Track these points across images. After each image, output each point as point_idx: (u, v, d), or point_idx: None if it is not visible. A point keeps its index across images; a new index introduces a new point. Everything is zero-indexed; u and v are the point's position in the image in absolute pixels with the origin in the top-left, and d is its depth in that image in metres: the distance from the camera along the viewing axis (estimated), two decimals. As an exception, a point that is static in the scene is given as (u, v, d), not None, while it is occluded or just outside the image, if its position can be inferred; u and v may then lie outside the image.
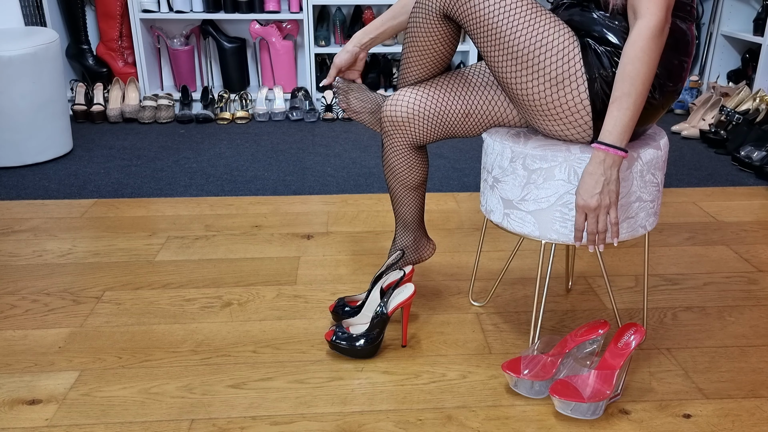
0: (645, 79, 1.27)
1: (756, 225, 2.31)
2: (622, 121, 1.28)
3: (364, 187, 2.64)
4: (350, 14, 3.83)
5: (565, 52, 1.35)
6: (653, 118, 1.40)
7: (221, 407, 1.42)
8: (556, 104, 1.37)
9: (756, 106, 3.07)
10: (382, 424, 1.37)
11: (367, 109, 1.67)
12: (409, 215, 1.70)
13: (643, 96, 1.28)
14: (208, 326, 1.71)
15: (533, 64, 1.36)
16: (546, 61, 1.35)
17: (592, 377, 1.39)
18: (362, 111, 1.68)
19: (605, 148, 1.29)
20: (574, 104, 1.36)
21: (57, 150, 2.94)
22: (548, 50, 1.35)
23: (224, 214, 2.39)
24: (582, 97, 1.35)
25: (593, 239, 1.35)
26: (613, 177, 1.30)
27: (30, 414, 1.40)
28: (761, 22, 3.38)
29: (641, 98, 1.28)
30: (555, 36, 1.36)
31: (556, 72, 1.35)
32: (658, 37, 1.26)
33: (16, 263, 2.04)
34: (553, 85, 1.36)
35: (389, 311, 1.57)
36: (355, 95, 1.68)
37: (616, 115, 1.28)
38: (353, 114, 1.69)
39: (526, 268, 2.02)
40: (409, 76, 1.57)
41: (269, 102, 3.71)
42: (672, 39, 1.33)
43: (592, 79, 1.34)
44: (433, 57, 1.52)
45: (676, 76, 1.37)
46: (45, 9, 3.50)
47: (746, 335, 1.68)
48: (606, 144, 1.29)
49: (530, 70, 1.37)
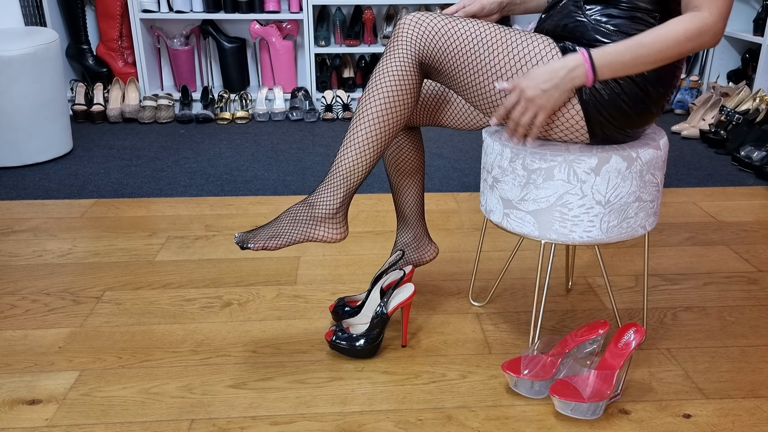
0: (660, 50, 1.24)
1: (756, 225, 2.31)
2: (616, 52, 1.26)
3: (364, 187, 2.64)
4: (350, 14, 3.83)
5: (544, 59, 1.34)
6: (647, 121, 1.40)
7: (221, 407, 1.42)
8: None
9: (756, 106, 3.07)
10: (382, 424, 1.37)
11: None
12: (407, 208, 1.68)
13: (648, 58, 1.25)
14: (208, 326, 1.71)
15: (518, 78, 1.35)
16: (528, 70, 1.35)
17: (592, 377, 1.39)
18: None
19: (586, 60, 1.27)
20: (566, 109, 1.36)
21: (57, 150, 2.94)
22: (528, 60, 1.34)
23: (224, 214, 2.39)
24: (573, 102, 1.35)
25: (512, 127, 1.34)
26: (565, 87, 1.29)
27: (30, 414, 1.40)
28: (761, 22, 3.38)
29: (645, 57, 1.25)
30: (531, 45, 1.35)
31: None
32: (702, 36, 1.24)
33: (16, 263, 2.04)
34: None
35: (389, 311, 1.57)
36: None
37: (619, 46, 1.26)
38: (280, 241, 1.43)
39: (526, 268, 2.02)
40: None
41: (269, 102, 3.72)
42: None
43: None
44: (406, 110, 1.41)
45: (665, 83, 1.37)
46: (45, 9, 3.50)
47: (746, 335, 1.68)
48: (589, 58, 1.27)
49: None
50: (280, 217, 1.43)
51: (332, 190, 1.42)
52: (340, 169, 1.41)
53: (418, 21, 1.38)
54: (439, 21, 1.37)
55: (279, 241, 1.41)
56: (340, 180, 1.41)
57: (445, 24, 1.37)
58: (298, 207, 1.43)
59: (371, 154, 1.40)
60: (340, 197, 1.41)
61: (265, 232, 1.42)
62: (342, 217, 1.44)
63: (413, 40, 1.37)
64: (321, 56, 3.85)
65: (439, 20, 1.38)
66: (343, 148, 1.41)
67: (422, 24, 1.37)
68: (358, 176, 1.41)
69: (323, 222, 1.42)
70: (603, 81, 1.32)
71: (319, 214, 1.41)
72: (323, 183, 1.42)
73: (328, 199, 1.41)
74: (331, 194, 1.41)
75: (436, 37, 1.36)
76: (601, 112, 1.35)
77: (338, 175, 1.41)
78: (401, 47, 1.38)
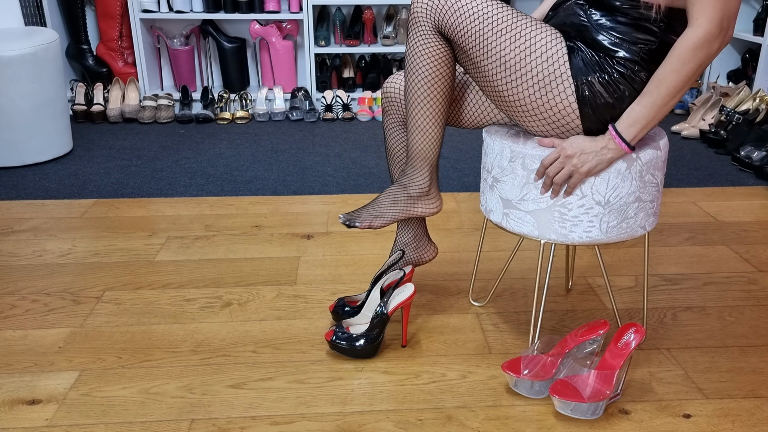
0: (672, 86, 1.28)
1: (756, 225, 2.31)
2: (636, 115, 1.31)
3: (364, 187, 2.64)
4: (350, 14, 3.83)
5: (549, 54, 1.36)
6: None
7: (221, 407, 1.42)
8: (545, 106, 1.38)
9: (756, 106, 3.07)
10: (382, 424, 1.37)
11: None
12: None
13: (665, 101, 1.29)
14: (208, 326, 1.71)
15: (520, 67, 1.37)
16: (532, 63, 1.36)
17: (592, 377, 1.39)
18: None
19: (614, 135, 1.33)
20: (563, 106, 1.37)
21: (57, 150, 2.94)
22: (533, 52, 1.36)
23: (224, 214, 2.39)
24: (570, 100, 1.36)
25: (548, 182, 1.38)
26: (603, 158, 1.34)
27: (30, 414, 1.40)
28: (761, 22, 3.38)
29: (662, 102, 1.29)
30: (540, 38, 1.36)
31: (543, 74, 1.36)
32: (701, 48, 1.25)
33: (16, 263, 2.04)
34: (541, 87, 1.37)
35: (389, 311, 1.57)
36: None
37: (635, 107, 1.32)
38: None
39: (526, 268, 2.02)
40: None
41: (269, 102, 3.72)
42: (667, 50, 1.33)
43: (578, 85, 1.34)
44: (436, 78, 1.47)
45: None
46: (45, 9, 3.50)
47: (746, 335, 1.68)
48: (616, 131, 1.33)
49: (517, 74, 1.38)
50: (379, 199, 1.56)
51: (418, 171, 1.52)
52: (416, 152, 1.51)
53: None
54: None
55: (383, 221, 1.54)
56: (420, 161, 1.51)
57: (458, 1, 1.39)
58: (394, 189, 1.55)
59: (435, 129, 1.49)
60: (426, 175, 1.53)
61: (369, 212, 1.55)
62: (435, 191, 1.56)
63: (428, 14, 1.41)
64: (321, 56, 3.85)
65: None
66: (410, 134, 1.50)
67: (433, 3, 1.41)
68: (434, 152, 1.51)
69: (419, 199, 1.55)
70: (604, 84, 1.33)
71: (415, 193, 1.54)
72: (408, 165, 1.53)
73: (418, 179, 1.53)
74: (418, 175, 1.52)
75: (449, 12, 1.39)
76: (596, 114, 1.36)
77: (417, 157, 1.51)
78: (419, 24, 1.43)
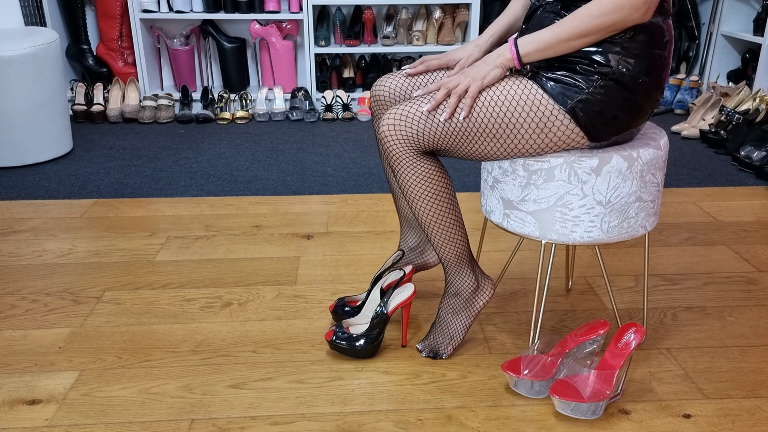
0: (581, 28, 1.30)
1: (756, 225, 2.31)
2: (539, 37, 1.36)
3: (364, 187, 2.64)
4: (350, 14, 3.83)
5: (526, 100, 1.37)
6: (640, 118, 1.40)
7: (221, 407, 1.42)
8: (553, 141, 1.39)
9: (756, 106, 3.07)
10: (382, 424, 1.37)
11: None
12: (410, 212, 1.69)
13: (569, 38, 1.32)
14: (208, 326, 1.71)
15: (513, 132, 1.38)
16: (519, 120, 1.37)
17: (592, 377, 1.39)
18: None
19: (511, 44, 1.37)
20: (566, 136, 1.38)
21: (57, 150, 2.94)
22: (514, 110, 1.37)
23: (224, 214, 2.39)
24: (570, 128, 1.37)
25: (443, 94, 1.39)
26: (493, 63, 1.40)
27: (30, 414, 1.40)
28: (761, 22, 3.38)
29: (566, 37, 1.32)
30: (510, 94, 1.38)
31: (535, 121, 1.37)
32: (622, 10, 1.27)
33: (16, 263, 2.04)
34: (541, 132, 1.38)
35: (389, 311, 1.57)
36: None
37: (544, 31, 1.35)
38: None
39: (526, 268, 2.02)
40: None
41: (269, 102, 3.71)
42: (647, 35, 1.33)
43: (571, 110, 1.35)
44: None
45: (655, 72, 1.36)
46: (45, 9, 3.50)
47: (746, 335, 1.68)
48: (515, 42, 1.36)
49: (514, 140, 1.39)
50: (441, 317, 1.58)
51: (459, 275, 1.55)
52: (450, 261, 1.53)
53: (394, 128, 1.41)
54: (413, 125, 1.40)
55: (459, 339, 1.58)
56: (456, 266, 1.54)
57: (420, 128, 1.40)
58: (448, 301, 1.57)
59: (458, 232, 1.51)
60: (469, 274, 1.55)
61: (441, 338, 1.58)
62: (482, 278, 1.58)
63: (402, 145, 1.41)
64: (321, 56, 3.85)
65: (414, 124, 1.40)
66: (438, 248, 1.53)
67: (400, 132, 1.40)
68: (466, 251, 1.54)
69: (474, 296, 1.57)
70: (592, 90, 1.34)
71: (468, 295, 1.56)
72: (448, 272, 1.56)
73: (463, 282, 1.55)
74: (461, 279, 1.55)
75: (421, 136, 1.40)
76: (592, 120, 1.35)
77: (452, 265, 1.54)
78: (400, 156, 1.42)
